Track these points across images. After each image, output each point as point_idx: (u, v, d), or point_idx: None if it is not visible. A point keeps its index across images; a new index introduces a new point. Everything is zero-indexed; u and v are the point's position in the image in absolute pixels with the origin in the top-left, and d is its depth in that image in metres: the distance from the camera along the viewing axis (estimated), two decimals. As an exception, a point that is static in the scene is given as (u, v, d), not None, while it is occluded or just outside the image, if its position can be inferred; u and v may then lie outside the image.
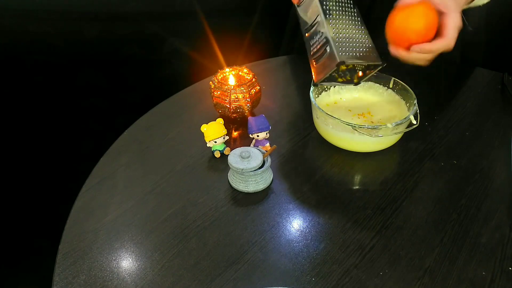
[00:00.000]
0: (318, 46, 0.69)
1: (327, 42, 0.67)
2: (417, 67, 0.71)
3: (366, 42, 0.71)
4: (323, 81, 0.70)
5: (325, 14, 0.68)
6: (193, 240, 0.62)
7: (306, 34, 0.72)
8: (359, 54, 0.69)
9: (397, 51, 0.69)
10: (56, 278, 0.57)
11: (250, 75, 0.83)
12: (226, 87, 0.80)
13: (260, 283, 0.56)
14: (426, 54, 0.68)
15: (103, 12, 1.27)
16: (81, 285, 0.56)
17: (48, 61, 1.33)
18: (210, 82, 0.83)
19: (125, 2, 1.26)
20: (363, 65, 0.69)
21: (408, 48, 0.67)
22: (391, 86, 0.83)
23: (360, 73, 0.72)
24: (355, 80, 0.73)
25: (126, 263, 0.59)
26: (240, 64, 0.87)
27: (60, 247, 0.61)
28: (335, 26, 0.69)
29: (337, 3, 0.71)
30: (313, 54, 0.71)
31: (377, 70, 0.73)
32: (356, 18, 0.72)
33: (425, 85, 0.92)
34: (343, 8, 0.72)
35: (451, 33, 0.66)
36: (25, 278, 1.23)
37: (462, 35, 1.03)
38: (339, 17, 0.70)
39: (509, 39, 1.17)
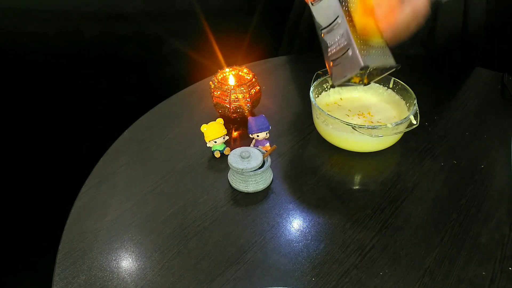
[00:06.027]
0: (338, 48, 0.67)
1: (348, 44, 0.65)
2: (417, 65, 0.70)
3: (382, 44, 0.70)
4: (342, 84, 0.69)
5: (346, 15, 0.67)
6: (193, 240, 0.62)
7: (322, 35, 0.70)
8: (377, 56, 0.67)
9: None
10: (56, 278, 0.57)
11: (250, 75, 0.83)
12: (226, 87, 0.80)
13: (260, 283, 0.56)
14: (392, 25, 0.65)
15: (103, 12, 1.27)
16: (81, 285, 0.56)
17: (48, 61, 1.33)
18: (210, 82, 0.83)
19: (125, 2, 1.26)
20: (381, 67, 0.68)
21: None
22: (391, 86, 0.83)
23: (375, 74, 0.71)
24: (365, 81, 0.72)
25: (126, 263, 0.59)
26: (240, 64, 0.87)
27: (60, 247, 0.61)
28: (355, 28, 0.67)
29: (354, 5, 0.70)
30: (330, 55, 0.69)
31: (391, 71, 0.72)
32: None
33: (425, 85, 0.92)
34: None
35: None
36: (25, 278, 1.23)
37: (462, 35, 1.04)
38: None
39: (509, 39, 1.17)
